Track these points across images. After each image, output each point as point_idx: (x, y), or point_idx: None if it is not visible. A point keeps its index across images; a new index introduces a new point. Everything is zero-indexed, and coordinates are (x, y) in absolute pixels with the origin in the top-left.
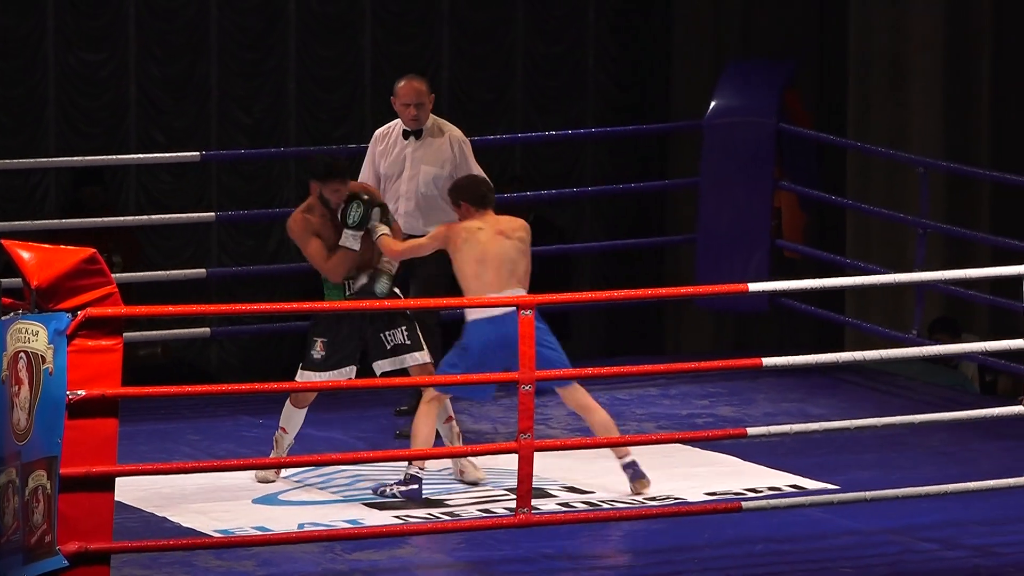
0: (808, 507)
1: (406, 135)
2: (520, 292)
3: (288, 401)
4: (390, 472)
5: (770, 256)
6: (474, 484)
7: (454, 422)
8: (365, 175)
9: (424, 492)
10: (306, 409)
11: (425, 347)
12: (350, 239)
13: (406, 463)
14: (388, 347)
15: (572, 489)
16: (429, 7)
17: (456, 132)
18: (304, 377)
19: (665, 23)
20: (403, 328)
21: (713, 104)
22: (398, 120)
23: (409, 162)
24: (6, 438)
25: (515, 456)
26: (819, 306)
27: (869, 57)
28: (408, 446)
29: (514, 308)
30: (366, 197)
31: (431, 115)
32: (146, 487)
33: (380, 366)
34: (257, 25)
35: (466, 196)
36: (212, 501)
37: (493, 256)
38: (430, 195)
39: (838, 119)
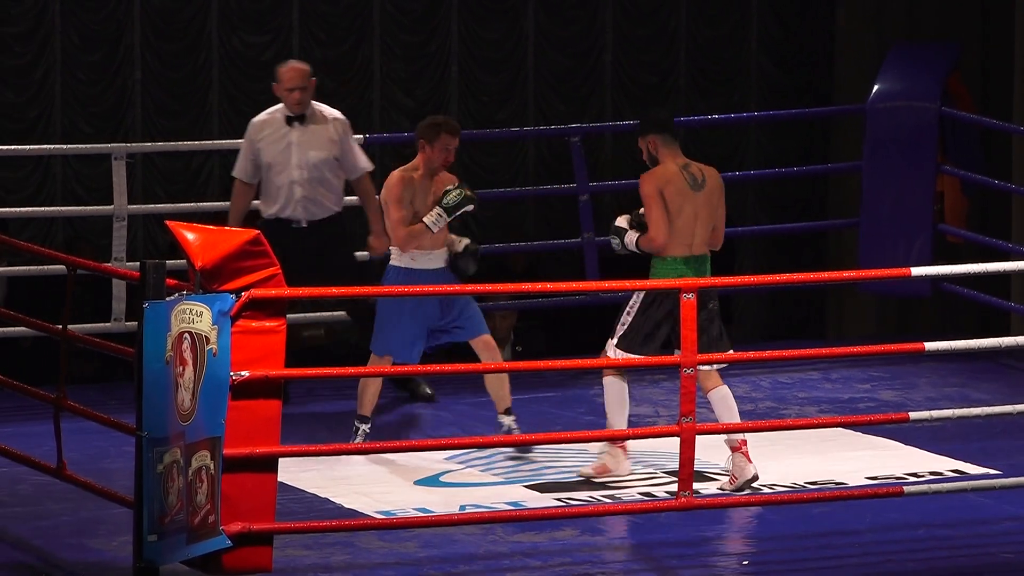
0: (970, 492)
1: (289, 121)
2: None
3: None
4: (551, 455)
5: (933, 241)
6: None
7: None
8: (242, 167)
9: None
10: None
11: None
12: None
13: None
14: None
15: None
16: None
17: (338, 115)
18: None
19: (828, 5)
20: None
21: (876, 88)
22: (277, 107)
23: (296, 148)
24: (170, 419)
25: (677, 439)
26: (983, 291)
27: None
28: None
29: None
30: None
31: (311, 100)
32: (309, 468)
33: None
34: (419, 8)
35: None
36: (374, 483)
37: None
38: (322, 179)
39: (1005, 104)
